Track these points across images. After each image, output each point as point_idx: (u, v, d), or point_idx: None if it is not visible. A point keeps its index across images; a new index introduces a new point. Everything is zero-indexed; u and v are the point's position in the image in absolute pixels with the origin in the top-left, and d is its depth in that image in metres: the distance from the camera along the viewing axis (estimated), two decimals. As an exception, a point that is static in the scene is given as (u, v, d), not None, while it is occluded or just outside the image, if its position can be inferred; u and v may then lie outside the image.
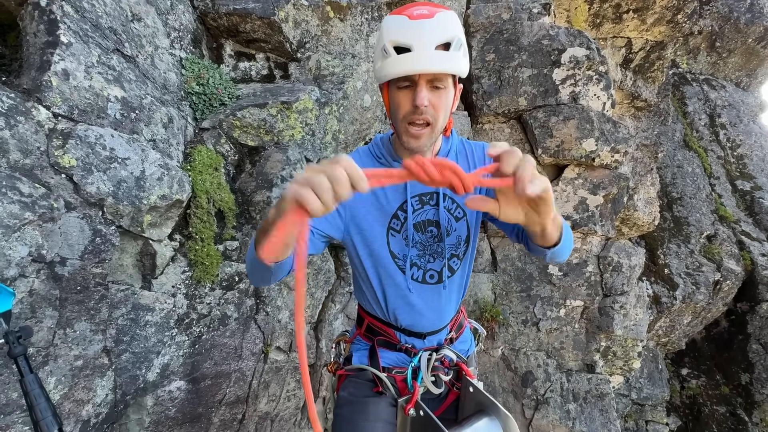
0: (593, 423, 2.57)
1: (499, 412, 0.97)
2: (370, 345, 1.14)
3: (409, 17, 0.85)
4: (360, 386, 1.09)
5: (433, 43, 0.85)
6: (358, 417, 1.03)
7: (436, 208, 1.04)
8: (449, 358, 1.13)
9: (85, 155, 1.29)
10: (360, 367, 1.12)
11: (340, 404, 1.09)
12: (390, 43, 0.86)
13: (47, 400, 0.93)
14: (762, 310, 4.11)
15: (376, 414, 1.02)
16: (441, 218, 1.04)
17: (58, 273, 1.19)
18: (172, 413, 1.57)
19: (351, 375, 1.14)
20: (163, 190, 1.47)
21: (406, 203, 1.01)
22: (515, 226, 1.04)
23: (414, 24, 0.84)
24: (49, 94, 1.26)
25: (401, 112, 0.91)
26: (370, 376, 1.09)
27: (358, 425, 1.01)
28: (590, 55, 2.65)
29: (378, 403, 1.04)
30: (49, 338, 1.17)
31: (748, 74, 6.09)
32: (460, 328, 1.21)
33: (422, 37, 0.84)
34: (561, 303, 2.66)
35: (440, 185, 0.62)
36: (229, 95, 2.08)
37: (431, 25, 0.85)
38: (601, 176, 2.62)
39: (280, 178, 1.92)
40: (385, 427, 1.01)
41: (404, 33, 0.85)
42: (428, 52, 0.85)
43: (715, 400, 4.14)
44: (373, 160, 1.04)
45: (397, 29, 0.86)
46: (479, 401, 1.02)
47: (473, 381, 1.08)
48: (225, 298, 1.75)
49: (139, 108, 1.52)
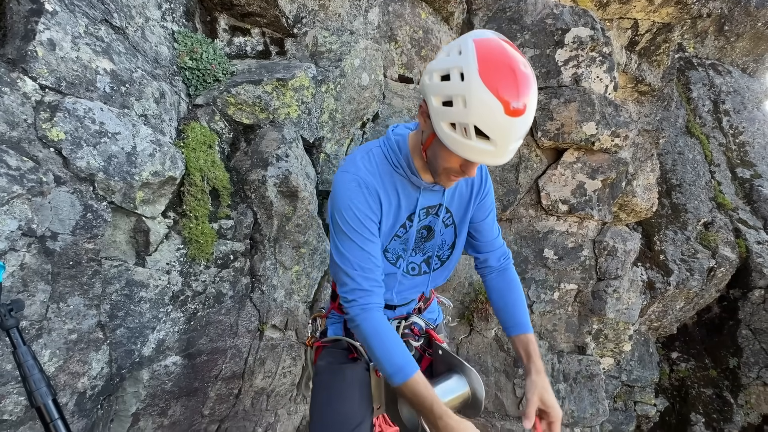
0: (582, 402, 2.63)
1: (464, 369, 1.08)
2: (344, 317, 1.21)
3: (506, 109, 0.77)
4: (336, 354, 1.19)
5: (516, 140, 0.84)
6: (335, 380, 1.12)
7: (436, 217, 1.14)
8: (418, 325, 1.25)
9: (74, 129, 1.26)
10: (336, 338, 1.20)
11: (319, 372, 1.18)
12: (475, 125, 0.80)
13: (41, 371, 0.93)
14: (754, 297, 4.16)
15: (353, 377, 1.12)
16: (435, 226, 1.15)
17: (49, 247, 1.18)
18: (169, 387, 1.59)
19: (328, 346, 1.22)
20: (155, 167, 1.45)
21: (414, 215, 1.08)
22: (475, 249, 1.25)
23: (508, 122, 0.79)
24: (35, 65, 1.22)
25: (446, 166, 0.94)
26: (345, 345, 1.18)
27: (335, 387, 1.10)
28: (594, 36, 2.58)
29: (354, 368, 1.14)
30: (42, 312, 1.17)
31: (756, 59, 5.97)
32: (427, 300, 1.34)
33: (510, 136, 0.82)
34: (555, 286, 2.68)
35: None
36: (224, 71, 2.03)
37: (521, 123, 0.81)
38: (601, 160, 2.60)
39: (275, 157, 1.90)
40: (361, 388, 1.11)
41: (494, 127, 0.80)
42: (509, 148, 0.84)
43: (702, 382, 4.25)
44: (390, 167, 1.04)
45: (488, 117, 0.79)
46: (448, 362, 1.12)
47: (442, 345, 1.19)
48: (220, 276, 1.76)
49: (129, 82, 1.48)
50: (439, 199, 1.11)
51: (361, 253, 0.98)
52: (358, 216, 0.97)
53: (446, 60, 0.85)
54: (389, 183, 1.03)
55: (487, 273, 1.26)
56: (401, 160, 1.03)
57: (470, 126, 0.80)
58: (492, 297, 1.24)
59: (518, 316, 1.16)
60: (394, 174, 1.04)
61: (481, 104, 0.78)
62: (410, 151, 1.03)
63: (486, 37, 0.83)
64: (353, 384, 1.11)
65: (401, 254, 1.15)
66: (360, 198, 0.98)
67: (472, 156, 0.85)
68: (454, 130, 0.83)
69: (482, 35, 0.84)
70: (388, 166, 1.04)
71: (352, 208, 0.97)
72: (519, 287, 1.23)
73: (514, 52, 0.82)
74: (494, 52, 0.80)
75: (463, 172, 0.93)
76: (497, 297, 1.22)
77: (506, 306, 1.19)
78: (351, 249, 0.98)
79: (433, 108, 0.86)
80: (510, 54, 0.81)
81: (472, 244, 1.25)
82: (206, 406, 1.80)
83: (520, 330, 1.13)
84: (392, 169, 1.04)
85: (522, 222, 2.75)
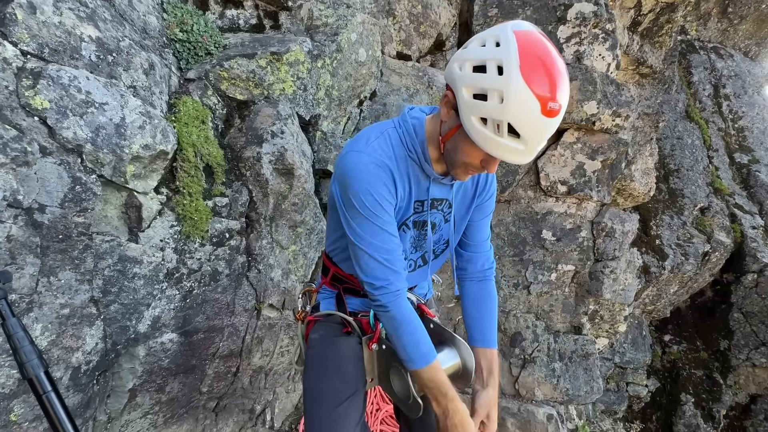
0: (577, 380, 2.67)
1: (455, 341, 1.10)
2: (337, 292, 1.22)
3: (543, 109, 0.75)
4: (330, 328, 1.18)
5: (545, 141, 0.82)
6: (329, 352, 1.13)
7: (439, 212, 1.12)
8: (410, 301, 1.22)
9: (59, 97, 1.21)
10: (329, 312, 1.19)
11: (312, 345, 1.17)
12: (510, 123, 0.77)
13: (31, 343, 0.91)
14: (747, 281, 4.21)
15: (346, 350, 1.13)
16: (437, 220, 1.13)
17: (37, 220, 1.15)
18: (165, 364, 1.59)
19: (320, 320, 1.21)
20: (145, 140, 1.41)
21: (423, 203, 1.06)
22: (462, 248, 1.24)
23: (543, 122, 0.77)
24: (15, 29, 1.16)
25: (466, 160, 0.91)
26: (339, 319, 1.18)
27: (329, 359, 1.11)
28: (598, 12, 2.52)
29: (347, 341, 1.14)
30: (32, 285, 1.14)
31: (758, 42, 5.89)
32: None
33: (542, 136, 0.80)
34: (553, 267, 2.69)
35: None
36: (216, 44, 1.96)
37: (554, 124, 0.79)
38: (601, 141, 2.57)
39: (270, 134, 1.86)
40: (354, 361, 1.12)
41: (529, 126, 0.77)
42: (538, 148, 0.82)
43: (693, 364, 4.33)
44: (404, 151, 1.00)
45: (524, 115, 0.76)
46: (440, 335, 1.13)
47: (433, 319, 1.20)
48: (216, 254, 1.74)
49: (116, 51, 1.42)
50: (446, 194, 1.09)
51: (385, 235, 0.95)
52: (378, 200, 0.94)
53: (482, 51, 0.80)
54: (403, 168, 1.00)
55: (467, 279, 1.24)
56: (417, 146, 0.99)
57: (504, 123, 0.77)
58: (465, 304, 1.23)
59: (489, 331, 1.17)
60: (407, 159, 1.00)
61: (519, 102, 0.75)
62: (426, 139, 0.99)
63: (526, 29, 0.79)
64: (347, 356, 1.12)
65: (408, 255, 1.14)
66: (379, 182, 0.94)
67: (499, 153, 0.83)
68: (485, 125, 0.80)
69: (522, 27, 0.80)
70: (403, 150, 1.00)
71: (372, 192, 0.93)
72: (495, 301, 1.22)
73: (552, 49, 0.79)
74: (535, 47, 0.77)
75: (483, 168, 0.91)
76: (471, 306, 1.21)
77: (480, 318, 1.19)
78: (374, 233, 0.95)
79: (463, 100, 0.82)
80: (550, 51, 0.78)
81: (460, 241, 1.24)
82: (204, 383, 1.80)
83: (488, 345, 1.15)
84: (406, 154, 1.00)
85: (521, 203, 2.73)
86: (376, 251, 0.95)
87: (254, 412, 2.12)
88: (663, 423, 4.05)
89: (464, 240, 1.23)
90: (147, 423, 1.63)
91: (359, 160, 0.95)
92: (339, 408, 1.03)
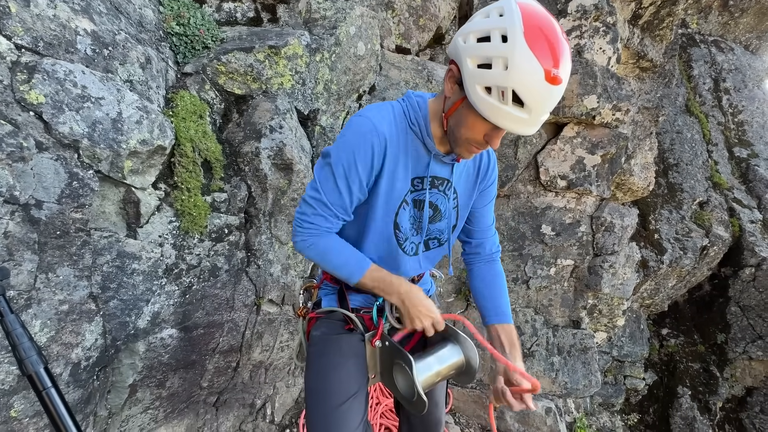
0: (575, 374, 2.69)
1: (459, 338, 1.09)
2: (338, 288, 1.21)
3: (547, 76, 0.75)
4: (332, 325, 1.18)
5: (548, 111, 0.82)
6: (331, 350, 1.12)
7: (444, 196, 1.10)
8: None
9: (55, 92, 1.19)
10: (331, 309, 1.19)
11: (314, 342, 1.17)
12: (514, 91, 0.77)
13: (30, 339, 0.91)
14: (744, 275, 4.23)
15: (348, 347, 1.12)
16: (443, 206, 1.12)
17: (34, 216, 1.14)
18: (166, 359, 1.59)
19: (322, 317, 1.20)
20: (142, 135, 1.39)
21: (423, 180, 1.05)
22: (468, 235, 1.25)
23: (547, 90, 0.77)
24: (9, 22, 1.14)
25: (469, 135, 0.91)
26: (341, 316, 1.17)
27: (331, 357, 1.11)
28: (599, 5, 2.50)
29: (349, 339, 1.14)
30: (30, 282, 1.14)
31: (759, 36, 5.86)
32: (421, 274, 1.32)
33: (545, 105, 0.80)
34: (552, 262, 2.69)
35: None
36: (213, 38, 1.94)
37: (557, 93, 0.79)
38: (601, 135, 2.56)
39: (268, 128, 1.84)
40: (357, 359, 1.11)
41: (533, 93, 0.77)
42: (541, 118, 0.82)
43: (690, 357, 4.36)
44: (406, 123, 1.01)
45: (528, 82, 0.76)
46: (443, 331, 1.12)
47: None
48: (215, 249, 1.73)
49: (112, 44, 1.40)
50: (447, 174, 1.08)
51: (334, 188, 0.98)
52: (356, 161, 0.95)
53: (486, 21, 0.81)
54: (402, 138, 1.00)
55: (475, 261, 1.25)
56: (420, 119, 1.00)
57: (508, 90, 0.78)
58: (475, 284, 1.24)
59: (503, 305, 1.17)
60: (408, 131, 1.01)
61: (524, 68, 0.76)
62: (429, 116, 1.00)
63: (529, 2, 0.81)
64: (349, 354, 1.11)
65: (409, 236, 1.13)
66: (366, 145, 0.95)
67: (503, 122, 0.83)
68: (490, 93, 0.80)
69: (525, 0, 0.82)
70: (405, 122, 1.01)
71: (354, 152, 0.95)
72: (504, 280, 1.23)
73: (554, 22, 0.81)
74: (539, 16, 0.78)
75: (486, 143, 0.92)
76: (482, 285, 1.22)
77: (492, 295, 1.19)
78: (327, 180, 0.98)
79: (467, 70, 0.83)
80: (552, 22, 0.80)
81: (466, 229, 1.24)
82: (204, 378, 1.80)
83: (504, 320, 1.15)
84: (408, 126, 1.01)
85: (520, 198, 2.73)
86: (321, 202, 0.99)
87: (255, 407, 2.13)
88: (660, 415, 4.09)
89: (470, 227, 1.24)
90: (148, 418, 1.64)
91: (357, 122, 0.97)
92: (341, 407, 1.02)
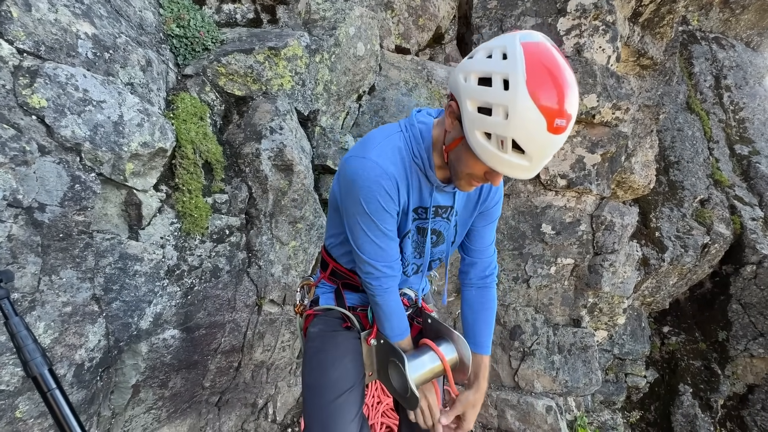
0: (576, 372, 2.70)
1: (452, 335, 1.13)
2: (335, 287, 1.24)
3: (549, 127, 0.72)
4: (329, 322, 1.20)
5: (551, 155, 0.80)
6: (328, 347, 1.15)
7: (447, 222, 1.12)
8: (408, 296, 1.26)
9: (56, 96, 1.20)
10: (328, 307, 1.21)
11: (312, 338, 1.19)
12: (514, 140, 0.75)
13: (35, 341, 0.92)
14: (746, 272, 4.22)
15: (345, 344, 1.15)
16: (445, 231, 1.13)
17: (37, 219, 1.15)
18: (168, 360, 1.60)
19: (319, 314, 1.23)
20: (144, 137, 1.40)
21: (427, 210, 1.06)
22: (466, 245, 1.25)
23: (549, 139, 0.74)
24: (11, 26, 1.15)
25: (469, 171, 0.90)
26: (338, 314, 1.20)
27: (328, 353, 1.13)
28: (598, 3, 2.49)
29: (346, 336, 1.17)
30: (34, 284, 1.15)
31: (760, 33, 5.84)
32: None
33: (547, 153, 0.78)
34: (552, 261, 2.70)
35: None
36: (213, 39, 1.94)
37: (561, 140, 0.76)
38: (601, 134, 2.56)
39: (269, 130, 1.85)
40: (353, 355, 1.14)
41: (534, 143, 0.75)
42: (543, 164, 0.80)
43: (691, 355, 4.36)
44: (410, 157, 0.99)
45: (529, 132, 0.73)
46: (437, 329, 1.17)
47: (431, 314, 1.22)
48: (216, 250, 1.74)
49: (113, 48, 1.41)
50: (450, 201, 1.09)
51: (386, 240, 1.00)
52: (383, 205, 0.95)
53: (488, 63, 0.77)
54: (407, 173, 1.00)
55: (468, 285, 1.26)
56: (422, 152, 0.98)
57: (508, 139, 0.75)
58: (464, 310, 1.25)
59: (483, 337, 1.19)
60: (412, 164, 1.00)
61: (525, 119, 0.72)
62: (432, 144, 0.99)
63: (535, 41, 0.75)
64: (345, 351, 1.14)
65: (411, 261, 1.15)
66: (381, 189, 0.94)
67: (502, 168, 0.81)
68: (489, 140, 0.78)
69: (531, 38, 0.76)
70: (408, 156, 0.99)
71: (378, 199, 0.94)
72: (494, 309, 1.23)
73: (562, 60, 0.76)
74: (543, 60, 0.73)
75: (486, 180, 0.91)
76: (469, 312, 1.23)
77: (475, 324, 1.21)
78: (376, 235, 0.99)
79: (467, 113, 0.80)
80: (559, 63, 0.75)
81: (463, 245, 1.25)
82: (206, 378, 1.82)
83: (480, 351, 1.17)
84: (411, 159, 0.99)
85: (520, 197, 2.73)
86: (375, 256, 1.01)
87: (257, 406, 2.14)
88: (661, 413, 4.10)
89: (467, 245, 1.23)
90: (151, 418, 1.65)
91: (363, 166, 0.94)
92: (337, 401, 1.05)
